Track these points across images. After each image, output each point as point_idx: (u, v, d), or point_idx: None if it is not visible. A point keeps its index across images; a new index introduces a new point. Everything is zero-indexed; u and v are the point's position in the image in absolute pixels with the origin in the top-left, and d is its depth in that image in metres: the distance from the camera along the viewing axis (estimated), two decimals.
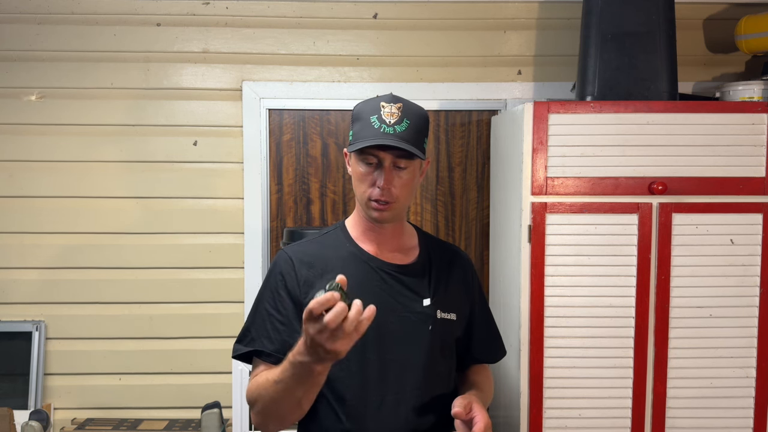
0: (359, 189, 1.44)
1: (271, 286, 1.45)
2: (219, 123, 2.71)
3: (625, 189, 2.13)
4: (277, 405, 1.31)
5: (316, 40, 2.71)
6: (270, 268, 1.49)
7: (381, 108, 1.40)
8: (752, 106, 2.14)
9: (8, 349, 2.69)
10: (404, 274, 1.47)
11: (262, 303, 1.46)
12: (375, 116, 1.40)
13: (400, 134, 1.39)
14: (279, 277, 1.44)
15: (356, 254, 1.47)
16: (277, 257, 1.49)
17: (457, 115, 2.80)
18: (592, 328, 2.15)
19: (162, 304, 2.73)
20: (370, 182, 1.41)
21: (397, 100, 1.42)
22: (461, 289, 1.56)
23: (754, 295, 2.15)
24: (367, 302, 1.32)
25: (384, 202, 1.41)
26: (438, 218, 2.84)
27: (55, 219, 2.69)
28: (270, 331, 1.42)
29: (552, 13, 2.72)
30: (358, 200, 1.47)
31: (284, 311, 1.42)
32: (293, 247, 1.50)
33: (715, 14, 2.74)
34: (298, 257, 1.46)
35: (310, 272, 1.43)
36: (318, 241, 1.52)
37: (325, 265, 1.45)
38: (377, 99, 1.43)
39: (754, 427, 2.17)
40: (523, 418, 2.17)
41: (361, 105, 1.45)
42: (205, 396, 2.69)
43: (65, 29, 2.67)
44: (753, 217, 2.14)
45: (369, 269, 1.45)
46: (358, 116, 1.44)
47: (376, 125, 1.39)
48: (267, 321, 1.43)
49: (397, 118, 1.40)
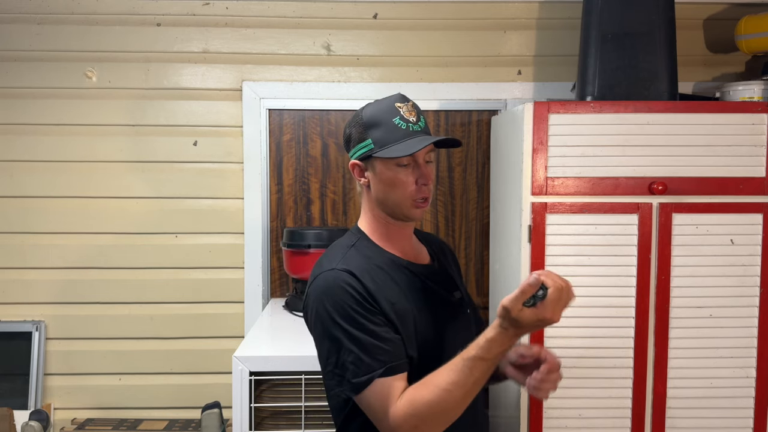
0: (398, 193, 1.38)
1: (350, 306, 1.29)
2: (219, 123, 2.71)
3: (625, 189, 2.13)
4: (470, 398, 1.25)
5: (316, 40, 2.71)
6: (326, 294, 1.31)
7: (398, 109, 1.38)
8: (752, 106, 2.14)
9: (8, 349, 2.69)
10: (433, 274, 1.48)
11: (353, 326, 1.29)
12: (397, 117, 1.37)
13: (425, 129, 1.40)
14: (353, 292, 1.30)
15: (395, 261, 1.42)
16: (330, 281, 1.32)
17: (457, 115, 2.80)
18: (592, 328, 2.15)
19: (162, 304, 2.73)
20: (412, 182, 1.38)
21: (407, 99, 1.41)
22: (457, 273, 1.62)
23: (754, 295, 2.15)
24: (420, 308, 1.38)
25: (425, 198, 1.40)
26: (438, 218, 2.84)
27: (56, 219, 2.70)
28: (387, 342, 1.29)
29: (552, 13, 2.72)
30: (388, 207, 1.41)
31: (382, 319, 1.31)
32: (341, 265, 1.35)
33: (715, 14, 2.74)
34: (357, 272, 1.33)
35: (374, 284, 1.33)
36: (356, 254, 1.40)
37: (378, 275, 1.36)
38: (387, 101, 1.40)
39: (754, 427, 2.17)
40: (523, 418, 2.17)
41: (372, 111, 1.40)
42: (205, 396, 2.69)
43: (65, 29, 2.67)
44: (753, 217, 2.14)
45: (410, 274, 1.42)
46: (375, 122, 1.37)
47: (404, 126, 1.36)
48: (376, 337, 1.29)
49: (416, 116, 1.39)
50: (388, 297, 1.33)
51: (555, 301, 1.15)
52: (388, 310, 1.32)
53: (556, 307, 1.16)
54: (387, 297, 1.33)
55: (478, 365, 1.21)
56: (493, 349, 1.20)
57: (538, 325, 1.17)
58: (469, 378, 1.22)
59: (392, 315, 1.32)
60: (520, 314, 1.16)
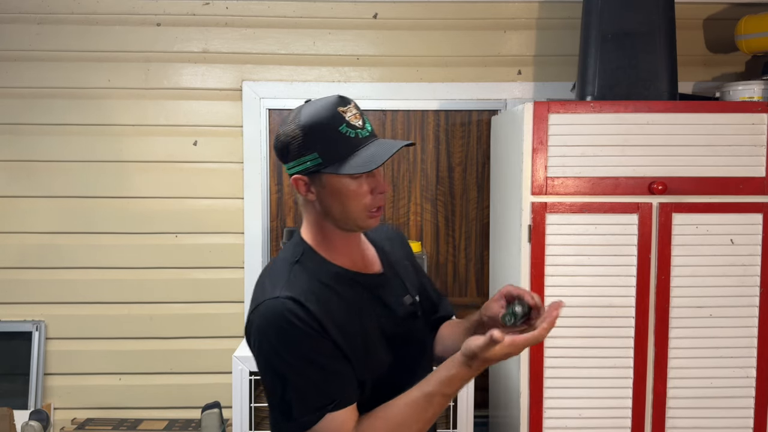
0: (352, 206, 1.26)
1: (296, 340, 1.20)
2: (219, 123, 2.71)
3: (625, 189, 2.13)
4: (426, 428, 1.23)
5: (316, 40, 2.71)
6: (270, 327, 1.21)
7: (342, 114, 1.23)
8: (752, 106, 2.14)
9: (8, 349, 2.69)
10: (382, 283, 1.39)
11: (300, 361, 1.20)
12: (343, 125, 1.22)
13: (373, 132, 1.27)
14: (299, 323, 1.19)
15: (341, 274, 1.31)
16: (275, 311, 1.20)
17: (457, 115, 2.80)
18: (592, 328, 2.15)
19: (162, 304, 2.73)
20: (367, 193, 1.26)
21: (348, 100, 1.27)
22: (409, 265, 1.52)
23: (754, 295, 2.15)
24: (370, 325, 1.30)
25: (380, 207, 1.30)
26: (438, 218, 2.84)
27: (55, 219, 2.69)
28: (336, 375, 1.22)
29: (552, 13, 2.72)
30: (340, 219, 1.29)
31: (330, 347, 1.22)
32: (285, 291, 1.23)
33: (715, 14, 2.74)
34: (303, 297, 1.22)
35: (321, 308, 1.23)
36: (300, 272, 1.28)
37: (324, 295, 1.26)
38: (327, 106, 1.24)
39: (754, 427, 2.17)
40: (523, 418, 2.17)
41: (312, 118, 1.23)
42: (205, 396, 2.69)
43: (65, 29, 2.67)
44: (753, 217, 2.14)
45: (358, 287, 1.32)
46: (317, 132, 1.22)
47: (352, 134, 1.23)
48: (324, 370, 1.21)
49: (361, 119, 1.26)
50: (336, 321, 1.23)
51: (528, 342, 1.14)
52: (337, 336, 1.22)
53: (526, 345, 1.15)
54: (335, 321, 1.23)
55: (437, 400, 1.19)
56: (456, 384, 1.18)
57: (504, 359, 1.16)
58: (428, 412, 1.19)
59: (341, 341, 1.23)
60: (491, 354, 1.14)
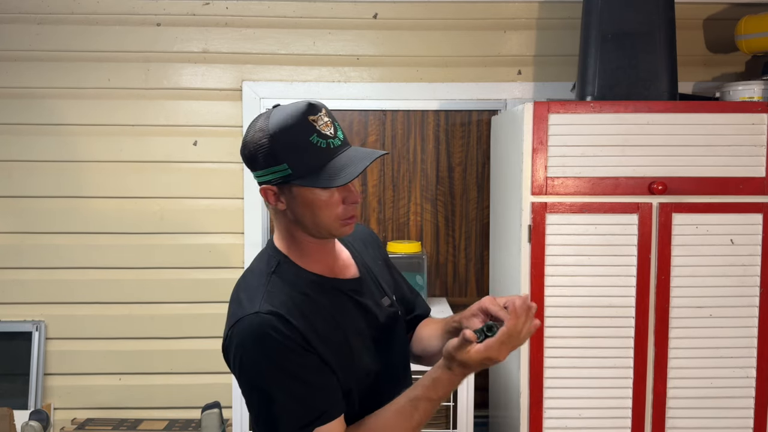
0: (323, 215, 1.23)
1: (279, 355, 1.18)
2: (219, 123, 2.71)
3: (625, 189, 2.13)
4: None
5: (316, 40, 2.71)
6: (252, 343, 1.19)
7: (313, 123, 1.19)
8: (752, 106, 2.14)
9: (8, 349, 2.69)
10: (361, 286, 1.38)
11: (284, 376, 1.18)
12: (314, 135, 1.18)
13: (345, 140, 1.23)
14: (281, 338, 1.17)
15: (319, 282, 1.29)
16: (255, 327, 1.18)
17: (457, 115, 2.80)
18: (592, 328, 2.15)
19: (162, 304, 2.73)
20: (339, 203, 1.23)
21: (319, 107, 1.22)
22: (383, 264, 1.51)
23: (754, 295, 2.15)
24: (352, 332, 1.29)
25: (353, 216, 1.27)
26: (438, 218, 2.84)
27: (55, 219, 2.69)
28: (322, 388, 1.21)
29: (552, 13, 2.72)
30: (312, 228, 1.26)
31: (315, 360, 1.21)
32: (266, 306, 1.20)
33: (715, 14, 2.74)
34: (284, 310, 1.20)
35: (303, 320, 1.21)
36: (278, 283, 1.26)
37: (304, 305, 1.24)
38: (297, 114, 1.19)
39: (754, 427, 2.17)
40: (523, 418, 2.17)
41: (281, 127, 1.18)
42: (205, 396, 2.69)
43: (65, 29, 2.67)
44: (753, 217, 2.14)
45: (338, 293, 1.31)
46: (287, 142, 1.18)
47: (323, 144, 1.18)
48: (308, 384, 1.19)
49: (332, 126, 1.21)
50: (320, 333, 1.22)
51: (503, 342, 1.14)
52: (322, 348, 1.21)
53: (503, 348, 1.14)
54: (319, 333, 1.22)
55: (423, 405, 1.18)
56: (440, 390, 1.18)
57: (485, 364, 1.16)
58: (413, 419, 1.19)
59: (326, 353, 1.21)
60: (466, 356, 1.14)
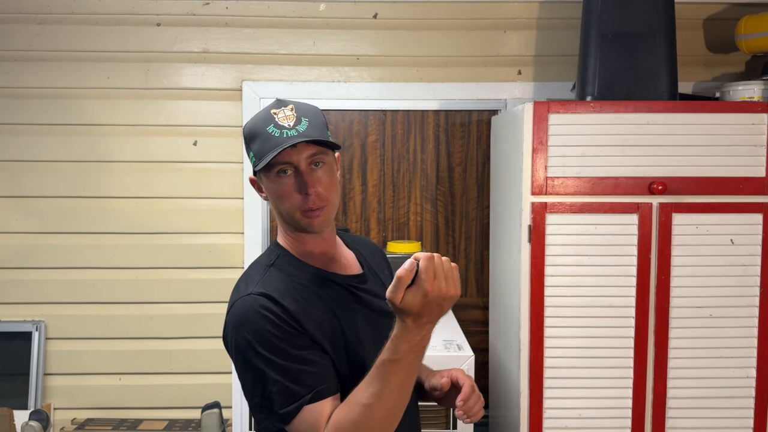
0: (284, 206, 1.29)
1: (269, 332, 1.22)
2: (219, 123, 2.71)
3: (625, 189, 2.13)
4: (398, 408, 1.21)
5: (316, 40, 2.71)
6: (244, 323, 1.23)
7: (273, 116, 1.29)
8: (752, 106, 2.14)
9: (8, 349, 2.69)
10: (363, 282, 1.41)
11: (275, 354, 1.21)
12: (271, 126, 1.27)
13: (304, 133, 1.28)
14: (272, 317, 1.22)
15: (319, 275, 1.34)
16: (246, 308, 1.24)
17: (457, 115, 2.80)
18: (592, 328, 2.15)
19: (162, 304, 2.73)
20: (294, 193, 1.28)
21: (286, 103, 1.31)
22: (389, 275, 1.54)
23: (754, 295, 2.15)
24: (350, 322, 1.31)
25: (315, 207, 1.29)
26: (438, 218, 2.84)
27: (55, 219, 2.69)
28: (313, 365, 1.23)
29: (552, 13, 2.72)
30: (285, 220, 1.33)
31: (307, 341, 1.24)
32: (258, 288, 1.26)
33: (715, 14, 2.74)
34: (277, 293, 1.25)
35: (297, 304, 1.25)
36: (276, 273, 1.31)
37: (302, 293, 1.29)
38: (265, 109, 1.31)
39: (754, 427, 2.17)
40: (523, 418, 2.17)
41: (250, 124, 1.32)
42: (205, 396, 2.69)
43: (65, 29, 2.67)
44: (753, 217, 2.14)
45: (337, 287, 1.35)
46: (252, 135, 1.30)
47: (277, 134, 1.26)
48: (300, 362, 1.22)
49: (294, 120, 1.29)
50: (314, 316, 1.25)
51: (428, 271, 1.11)
52: (314, 330, 1.24)
53: (434, 280, 1.12)
54: (312, 316, 1.25)
55: (391, 369, 1.17)
56: (401, 347, 1.15)
57: (430, 305, 1.13)
58: (386, 386, 1.16)
59: (319, 335, 1.24)
60: (404, 302, 1.13)
